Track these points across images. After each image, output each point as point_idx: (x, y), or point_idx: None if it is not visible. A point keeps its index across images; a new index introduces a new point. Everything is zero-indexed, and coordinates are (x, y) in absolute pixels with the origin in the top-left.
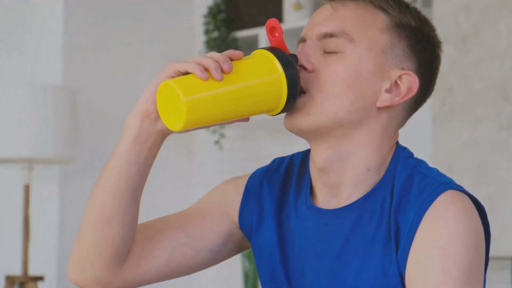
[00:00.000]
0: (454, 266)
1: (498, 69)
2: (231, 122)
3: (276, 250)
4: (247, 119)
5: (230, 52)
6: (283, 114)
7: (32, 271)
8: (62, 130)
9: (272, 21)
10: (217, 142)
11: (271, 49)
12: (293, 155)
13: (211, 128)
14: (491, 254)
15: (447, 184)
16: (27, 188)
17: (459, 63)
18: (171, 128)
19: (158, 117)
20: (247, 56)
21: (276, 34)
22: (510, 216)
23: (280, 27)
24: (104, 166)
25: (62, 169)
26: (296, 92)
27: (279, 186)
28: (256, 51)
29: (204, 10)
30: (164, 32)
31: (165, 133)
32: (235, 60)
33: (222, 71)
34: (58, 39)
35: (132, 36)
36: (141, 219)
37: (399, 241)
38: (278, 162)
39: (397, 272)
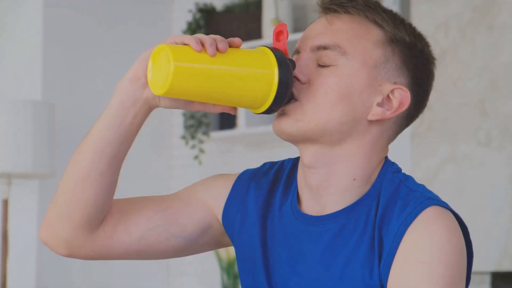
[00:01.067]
0: (436, 280)
1: (475, 86)
2: (217, 110)
3: (259, 253)
4: (233, 110)
5: (231, 38)
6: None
7: (11, 286)
8: (41, 145)
9: (280, 26)
10: (196, 157)
11: (272, 48)
12: (284, 161)
13: (190, 143)
14: None
15: (432, 199)
16: (5, 203)
17: (437, 79)
18: (154, 91)
19: (146, 84)
20: (247, 49)
21: (281, 39)
22: (488, 232)
23: (287, 32)
24: (90, 129)
25: (41, 184)
26: (286, 93)
27: (266, 190)
28: (258, 47)
29: (183, 26)
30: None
31: (151, 104)
32: (234, 47)
33: (217, 49)
34: (37, 54)
35: (111, 51)
36: None
37: (382, 253)
38: (268, 166)
39: (378, 284)
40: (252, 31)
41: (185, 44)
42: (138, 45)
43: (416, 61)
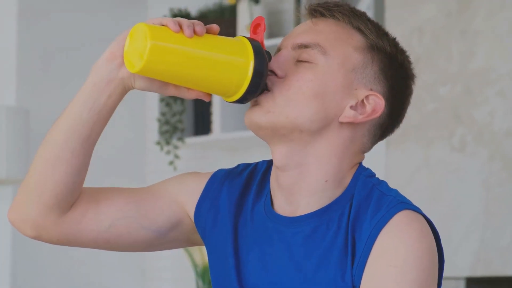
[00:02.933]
0: (408, 285)
1: (449, 92)
2: (191, 96)
3: (230, 253)
4: (207, 97)
5: (209, 25)
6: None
7: None
8: (15, 150)
9: (258, 19)
10: (171, 163)
11: (249, 38)
12: (258, 162)
13: (165, 149)
14: (444, 274)
15: (405, 204)
16: None
17: None
18: (130, 68)
19: (122, 64)
20: (225, 36)
21: (258, 31)
22: (462, 237)
23: (265, 25)
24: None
25: (14, 190)
26: (260, 82)
27: (239, 190)
28: (237, 36)
29: None
30: None
31: (126, 84)
32: (211, 33)
33: (194, 32)
34: (11, 59)
35: (86, 57)
36: None
37: (354, 256)
38: (242, 167)
39: (350, 286)
40: (227, 36)
41: (163, 26)
42: None
43: (394, 72)
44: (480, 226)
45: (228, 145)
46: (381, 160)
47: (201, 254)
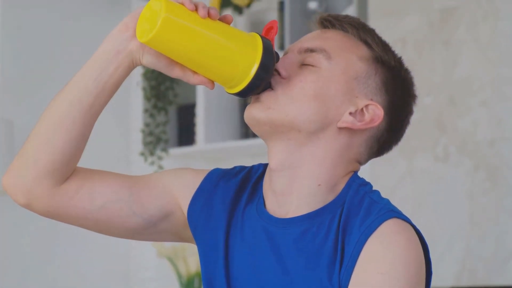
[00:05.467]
0: None
1: (433, 101)
2: (195, 81)
3: (221, 252)
4: (211, 84)
5: (224, 14)
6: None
7: None
8: None
9: (272, 22)
10: None
11: (261, 35)
12: (253, 166)
13: (149, 160)
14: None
15: (394, 212)
16: None
17: None
18: (139, 37)
19: (133, 36)
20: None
21: (270, 34)
22: (446, 247)
23: (277, 28)
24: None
25: (0, 201)
26: (264, 77)
27: (234, 190)
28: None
29: None
30: None
31: (134, 57)
32: (225, 22)
33: (208, 14)
34: None
35: (70, 68)
36: None
37: (343, 260)
38: (238, 169)
39: None
40: None
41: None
42: None
43: (396, 87)
44: (465, 235)
45: (212, 155)
46: (365, 170)
47: (185, 265)
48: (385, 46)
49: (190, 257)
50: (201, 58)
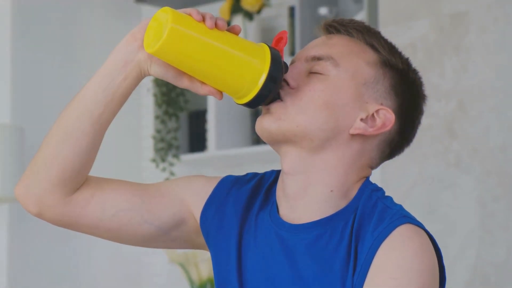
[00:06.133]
0: None
1: (444, 107)
2: (203, 91)
3: (234, 258)
4: (219, 95)
5: (232, 25)
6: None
7: None
8: (10, 168)
9: (282, 33)
10: (166, 180)
11: (270, 46)
12: (266, 172)
13: (161, 166)
14: None
15: (408, 218)
16: None
17: None
18: (146, 48)
19: (141, 47)
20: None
21: (279, 45)
22: (457, 254)
23: (287, 39)
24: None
25: (10, 208)
26: (272, 88)
27: (246, 197)
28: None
29: None
30: None
31: (142, 68)
32: (233, 32)
33: (216, 25)
34: (6, 77)
35: (81, 75)
36: None
37: (356, 265)
38: (250, 175)
39: None
40: None
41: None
42: None
43: (405, 89)
44: (476, 242)
45: (223, 162)
46: (376, 176)
47: (197, 271)
48: (391, 49)
49: (202, 263)
50: (208, 68)
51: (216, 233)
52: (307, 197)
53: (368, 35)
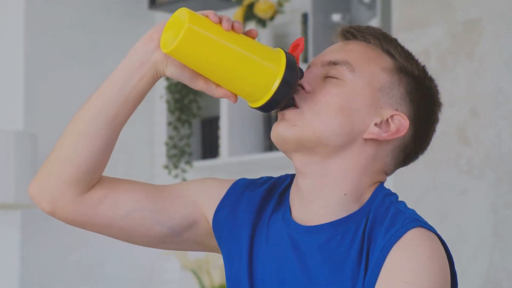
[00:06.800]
0: None
1: (456, 114)
2: (218, 94)
3: (245, 260)
4: (233, 98)
5: (249, 29)
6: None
7: None
8: (23, 174)
9: (298, 40)
10: None
11: (286, 52)
12: (280, 176)
13: (173, 173)
14: None
15: (420, 222)
16: None
17: None
18: (162, 48)
19: (157, 47)
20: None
21: (296, 51)
22: (470, 261)
23: (303, 45)
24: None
25: (23, 214)
26: (287, 93)
27: (259, 199)
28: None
29: None
30: None
31: (158, 68)
32: (250, 36)
33: (232, 27)
34: (19, 84)
35: (93, 82)
36: None
37: (367, 268)
38: (264, 179)
39: None
40: None
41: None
42: None
43: (421, 96)
44: (488, 248)
45: (236, 168)
46: (389, 183)
47: (209, 277)
48: (408, 56)
49: (214, 270)
50: (224, 70)
51: (228, 235)
52: (321, 199)
53: (385, 42)
